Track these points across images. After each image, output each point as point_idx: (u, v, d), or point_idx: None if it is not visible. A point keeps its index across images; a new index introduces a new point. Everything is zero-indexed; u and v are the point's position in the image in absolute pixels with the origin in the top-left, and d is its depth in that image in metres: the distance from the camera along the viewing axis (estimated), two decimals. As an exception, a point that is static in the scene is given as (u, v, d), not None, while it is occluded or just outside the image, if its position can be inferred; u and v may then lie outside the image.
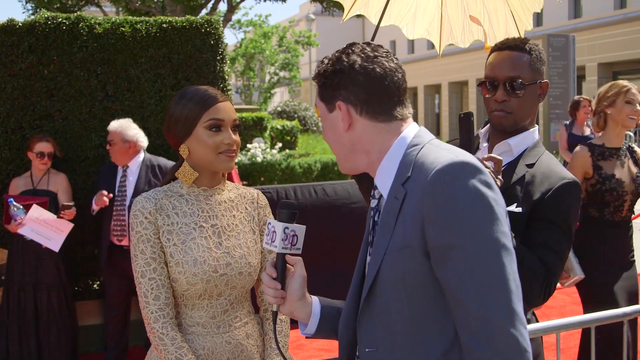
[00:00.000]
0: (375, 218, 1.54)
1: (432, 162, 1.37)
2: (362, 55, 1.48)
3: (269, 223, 1.64)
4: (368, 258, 1.54)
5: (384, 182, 1.49)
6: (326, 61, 1.53)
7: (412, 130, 1.49)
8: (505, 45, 2.17)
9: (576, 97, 8.13)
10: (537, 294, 1.93)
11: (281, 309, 1.64)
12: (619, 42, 22.14)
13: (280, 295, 1.62)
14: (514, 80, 2.11)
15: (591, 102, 7.83)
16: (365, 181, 2.25)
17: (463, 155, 1.37)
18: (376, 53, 1.49)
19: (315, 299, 1.68)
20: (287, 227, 1.60)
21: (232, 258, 2.01)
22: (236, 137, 2.01)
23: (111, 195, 4.57)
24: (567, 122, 8.08)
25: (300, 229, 1.63)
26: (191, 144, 1.98)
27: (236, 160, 1.94)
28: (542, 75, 2.18)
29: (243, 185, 6.75)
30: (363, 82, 1.46)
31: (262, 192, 2.20)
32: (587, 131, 7.72)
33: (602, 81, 23.07)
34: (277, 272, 1.62)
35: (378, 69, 1.47)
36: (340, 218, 5.77)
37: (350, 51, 1.50)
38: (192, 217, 2.02)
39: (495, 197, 1.34)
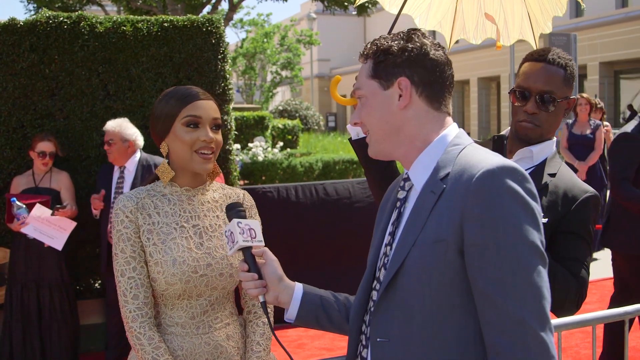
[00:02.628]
0: (402, 210, 1.53)
1: (479, 162, 1.38)
2: (429, 41, 1.52)
3: (225, 231, 1.71)
4: (385, 248, 1.54)
5: (419, 175, 1.49)
6: (387, 39, 1.54)
7: (453, 129, 1.52)
8: (543, 57, 2.16)
9: (577, 96, 8.12)
10: (571, 304, 2.00)
11: (267, 298, 1.67)
12: (620, 41, 22.10)
13: (260, 284, 1.66)
14: (547, 95, 2.12)
15: (590, 100, 7.81)
16: (375, 171, 2.25)
17: (511, 162, 1.39)
18: (437, 43, 1.55)
19: (298, 285, 1.70)
20: (239, 222, 1.68)
21: (213, 259, 1.99)
22: (215, 136, 1.97)
23: (103, 192, 4.59)
24: (570, 121, 8.07)
25: (254, 223, 1.71)
26: (170, 141, 1.97)
27: (238, 159, 1.92)
28: (572, 91, 2.19)
29: (244, 184, 6.73)
30: (430, 66, 1.50)
31: (264, 192, 2.18)
32: (588, 131, 7.69)
33: (604, 80, 23.05)
34: (248, 265, 1.67)
35: (443, 58, 1.52)
36: (341, 217, 5.76)
37: (419, 34, 1.53)
38: (173, 217, 1.99)
39: (538, 207, 1.36)
